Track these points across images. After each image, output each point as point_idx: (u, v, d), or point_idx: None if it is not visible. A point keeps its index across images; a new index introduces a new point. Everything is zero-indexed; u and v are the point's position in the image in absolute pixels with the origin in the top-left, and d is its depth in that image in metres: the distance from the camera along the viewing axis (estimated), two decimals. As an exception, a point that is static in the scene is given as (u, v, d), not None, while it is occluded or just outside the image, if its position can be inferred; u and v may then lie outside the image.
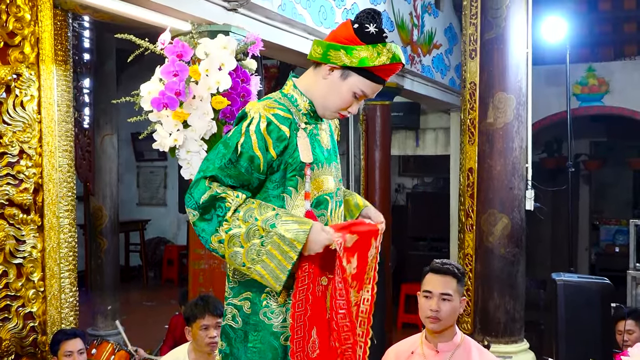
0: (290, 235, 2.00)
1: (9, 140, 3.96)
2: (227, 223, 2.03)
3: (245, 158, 2.09)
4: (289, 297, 2.14)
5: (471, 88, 5.64)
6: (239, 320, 2.19)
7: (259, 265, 2.01)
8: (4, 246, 3.94)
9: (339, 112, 2.28)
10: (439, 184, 10.85)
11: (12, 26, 3.97)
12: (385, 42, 2.18)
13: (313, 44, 2.27)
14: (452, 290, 2.88)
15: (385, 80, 2.26)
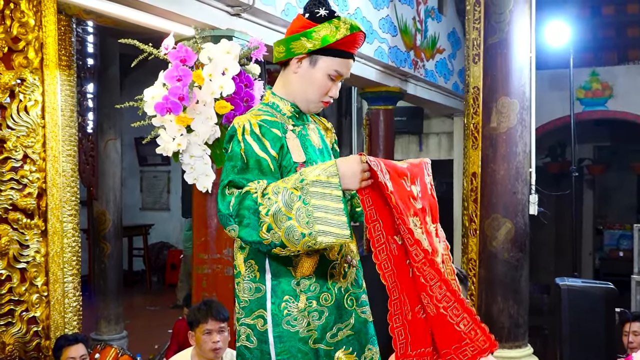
0: (323, 176, 1.92)
1: (12, 145, 3.97)
2: (263, 206, 1.91)
3: (253, 163, 2.03)
4: (308, 300, 2.10)
5: (474, 92, 5.63)
6: (253, 339, 2.13)
7: (317, 224, 1.90)
8: (7, 251, 3.94)
9: (321, 101, 2.24)
10: (442, 189, 10.84)
11: (16, 31, 3.98)
12: (340, 17, 2.17)
13: (274, 46, 2.26)
14: None
15: (353, 54, 2.22)
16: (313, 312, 2.10)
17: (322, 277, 2.13)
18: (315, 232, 1.89)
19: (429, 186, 2.26)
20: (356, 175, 1.96)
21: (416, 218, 2.07)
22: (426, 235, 2.10)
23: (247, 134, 2.06)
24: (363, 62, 6.10)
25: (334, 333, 2.13)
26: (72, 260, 4.29)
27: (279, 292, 2.09)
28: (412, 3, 6.96)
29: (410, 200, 2.08)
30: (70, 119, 4.30)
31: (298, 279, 2.10)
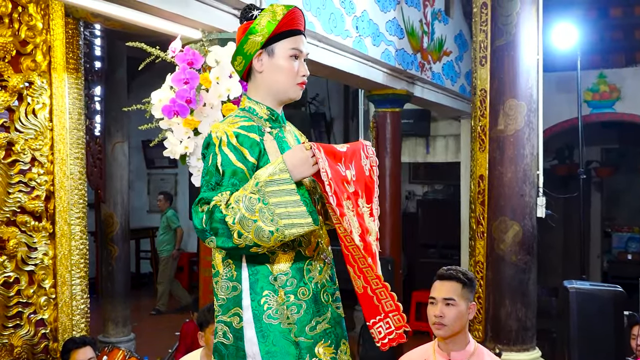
0: (274, 174, 2.04)
1: (21, 148, 3.98)
2: (229, 216, 2.01)
3: (229, 174, 2.11)
4: (286, 295, 2.17)
5: (482, 95, 5.62)
6: (229, 336, 2.21)
7: (280, 219, 2.01)
8: (16, 253, 3.96)
9: (296, 84, 2.30)
10: (450, 191, 10.83)
11: (24, 35, 4.00)
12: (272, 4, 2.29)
13: (232, 65, 2.37)
14: (455, 295, 2.88)
15: (300, 30, 2.31)
16: (291, 306, 2.17)
17: (298, 273, 2.20)
18: (281, 227, 2.01)
19: (367, 168, 2.38)
20: (306, 161, 2.08)
21: (349, 201, 2.22)
22: (357, 217, 2.24)
23: (224, 145, 2.13)
24: (370, 65, 6.09)
25: (312, 326, 2.20)
26: (79, 263, 4.30)
27: (258, 289, 2.17)
28: (419, 5, 6.96)
29: (344, 184, 2.22)
30: (78, 122, 4.32)
31: (275, 275, 2.17)
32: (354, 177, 2.29)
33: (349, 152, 2.29)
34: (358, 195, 2.30)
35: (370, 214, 2.36)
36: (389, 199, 7.06)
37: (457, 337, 2.90)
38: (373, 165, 2.42)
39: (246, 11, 2.33)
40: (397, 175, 7.22)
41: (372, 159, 2.42)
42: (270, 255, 2.17)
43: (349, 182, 2.25)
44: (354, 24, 5.51)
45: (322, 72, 6.12)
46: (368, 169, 2.39)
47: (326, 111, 11.85)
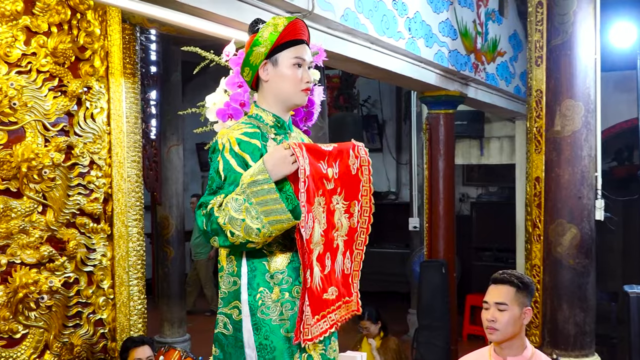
0: (255, 176, 2.17)
1: (80, 152, 4.07)
2: (220, 218, 2.17)
3: (231, 180, 2.25)
4: (281, 292, 2.31)
5: (537, 96, 5.53)
6: (229, 327, 2.36)
7: (264, 217, 2.14)
8: (75, 254, 4.05)
9: (301, 91, 2.44)
10: (504, 194, 10.67)
11: (82, 40, 4.10)
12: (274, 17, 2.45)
13: (241, 73, 2.55)
14: (508, 300, 2.83)
15: (303, 40, 2.45)
16: (285, 302, 2.31)
17: (294, 272, 2.34)
18: (266, 223, 2.15)
19: (356, 167, 2.53)
20: (286, 159, 2.21)
21: (322, 198, 2.36)
22: (327, 213, 2.38)
23: (226, 151, 2.28)
24: (423, 66, 6.05)
25: None
26: (137, 264, 4.38)
27: (255, 285, 2.32)
28: (472, 6, 6.89)
29: (323, 181, 2.36)
30: (135, 126, 4.40)
31: (272, 273, 2.32)
32: (336, 174, 2.43)
33: (334, 151, 2.43)
34: (335, 192, 2.44)
35: (345, 211, 2.50)
36: (442, 201, 7.00)
37: (512, 341, 2.85)
38: (363, 165, 2.57)
39: (253, 25, 2.50)
40: (450, 178, 7.15)
41: (363, 159, 2.57)
42: (269, 254, 2.33)
43: (329, 179, 2.40)
44: (407, 26, 5.48)
45: (374, 75, 6.11)
46: (356, 168, 2.53)
47: (378, 113, 11.83)
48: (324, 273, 2.37)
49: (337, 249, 2.45)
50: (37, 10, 3.85)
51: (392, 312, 8.51)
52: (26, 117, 3.80)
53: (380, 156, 11.83)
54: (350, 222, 2.51)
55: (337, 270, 2.45)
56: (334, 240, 2.44)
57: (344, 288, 2.49)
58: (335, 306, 2.42)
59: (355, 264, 2.57)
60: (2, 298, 3.69)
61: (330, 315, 2.38)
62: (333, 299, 2.40)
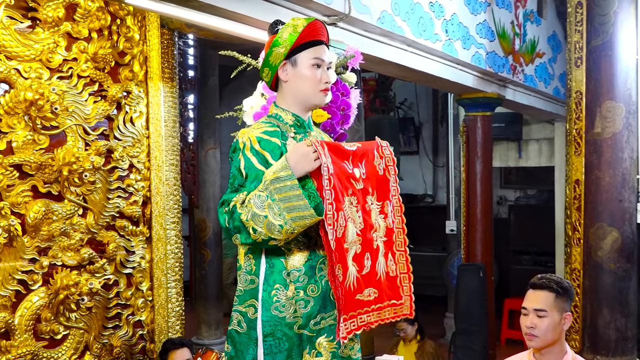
0: (278, 172, 2.19)
1: (119, 155, 4.13)
2: (243, 214, 2.20)
3: (252, 178, 2.28)
4: (296, 290, 2.33)
5: (577, 97, 5.45)
6: (244, 325, 2.38)
7: (287, 213, 2.17)
8: (115, 256, 4.10)
9: (320, 91, 2.45)
10: (543, 196, 10.53)
11: (122, 46, 4.16)
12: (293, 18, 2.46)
13: (260, 74, 2.57)
14: (547, 306, 2.77)
15: (322, 40, 2.46)
16: (300, 300, 2.33)
17: (310, 270, 2.36)
18: (288, 220, 2.17)
19: (382, 167, 2.52)
20: (307, 156, 2.23)
21: (353, 197, 2.36)
22: (362, 212, 2.39)
23: (247, 149, 2.32)
24: (460, 68, 6.01)
25: (317, 321, 2.36)
26: (175, 266, 4.42)
27: (271, 281, 2.34)
28: (510, 7, 6.82)
29: (351, 181, 2.37)
30: (173, 129, 4.44)
31: (289, 270, 2.34)
32: (363, 174, 2.43)
33: (359, 151, 2.44)
34: (367, 192, 2.44)
35: (380, 212, 2.48)
36: (479, 204, 6.94)
37: (552, 347, 2.81)
38: (388, 165, 2.55)
39: (272, 26, 2.53)
40: (488, 180, 7.08)
41: (388, 158, 2.56)
42: (287, 252, 2.34)
43: (357, 179, 2.39)
44: (444, 28, 5.45)
45: (411, 77, 6.09)
46: (382, 168, 2.52)
47: (415, 116, 11.78)
48: (361, 273, 2.36)
49: (377, 250, 2.44)
50: (78, 16, 3.91)
51: (429, 316, 8.46)
52: (67, 121, 3.87)
53: (417, 159, 11.77)
54: (386, 222, 2.50)
55: (379, 272, 2.43)
56: (374, 241, 2.43)
57: (390, 291, 2.47)
58: (371, 308, 2.39)
59: (400, 265, 2.55)
60: (44, 299, 3.76)
61: (362, 317, 2.36)
62: (369, 300, 2.38)
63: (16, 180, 3.65)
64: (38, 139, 3.74)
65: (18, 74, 3.66)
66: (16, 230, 3.63)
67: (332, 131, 3.22)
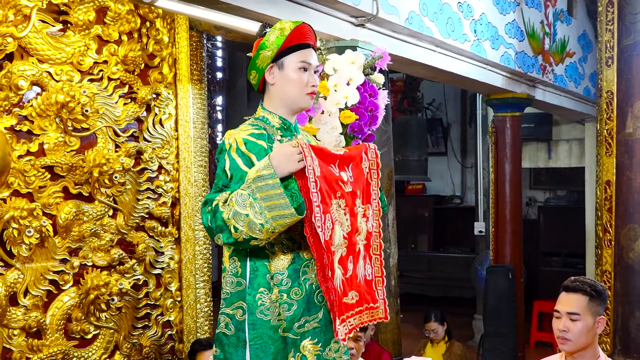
0: (260, 171, 2.19)
1: (149, 157, 4.17)
2: (225, 213, 2.19)
3: (237, 179, 2.27)
4: (280, 293, 2.33)
5: (608, 97, 5.39)
6: (231, 327, 2.38)
7: (268, 212, 2.16)
8: (144, 257, 4.14)
9: (306, 94, 2.46)
10: (573, 197, 10.41)
11: (151, 48, 4.20)
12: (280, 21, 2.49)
13: (248, 76, 2.54)
14: (580, 309, 2.73)
15: (309, 44, 2.47)
16: (283, 303, 2.33)
17: (294, 274, 2.36)
18: (269, 219, 2.16)
19: (366, 170, 2.51)
20: (291, 157, 2.21)
21: (342, 200, 2.36)
22: (350, 215, 2.39)
23: (232, 150, 2.31)
24: (488, 69, 5.97)
25: (301, 324, 2.35)
26: (203, 267, 4.45)
27: (255, 285, 2.35)
28: (539, 6, 6.76)
29: (339, 183, 2.36)
30: (202, 131, 4.47)
31: (272, 274, 2.34)
32: (351, 178, 2.43)
33: (345, 155, 2.43)
34: (356, 195, 2.44)
35: (363, 214, 2.48)
36: (508, 205, 6.88)
37: (585, 351, 2.77)
38: (372, 169, 2.54)
39: (261, 29, 2.52)
40: (517, 182, 7.02)
41: (372, 162, 2.55)
42: (271, 255, 2.35)
43: (345, 182, 2.39)
44: (472, 28, 5.42)
45: (439, 78, 6.06)
46: (366, 172, 2.52)
47: (443, 116, 11.72)
48: (345, 276, 2.36)
49: (359, 253, 2.45)
50: (108, 19, 3.96)
51: (457, 318, 8.40)
52: (98, 123, 3.91)
53: (445, 160, 11.71)
54: (367, 226, 2.50)
55: (359, 275, 2.44)
56: (357, 245, 2.44)
57: (367, 295, 2.47)
58: (355, 311, 2.39)
59: (376, 269, 2.54)
60: (75, 299, 3.80)
61: (350, 320, 2.35)
62: (353, 304, 2.38)
63: (48, 181, 3.70)
64: (69, 140, 3.79)
65: (50, 77, 3.71)
66: (48, 231, 3.68)
67: (360, 132, 3.22)
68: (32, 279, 3.64)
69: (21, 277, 3.59)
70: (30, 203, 3.62)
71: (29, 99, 3.66)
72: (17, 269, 3.58)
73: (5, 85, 3.54)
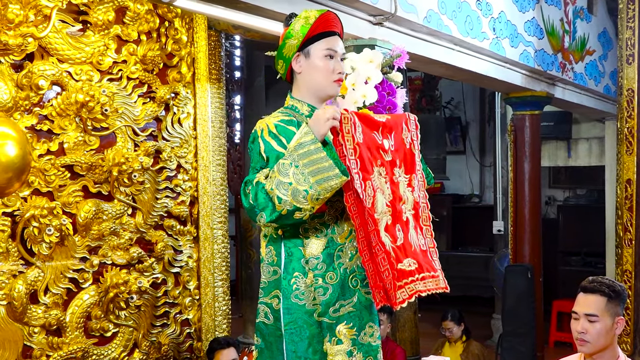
0: (300, 138, 2.21)
1: (167, 156, 4.19)
2: (267, 185, 2.20)
3: (273, 159, 2.29)
4: (315, 277, 2.35)
5: (629, 95, 5.34)
6: (270, 317, 2.41)
7: (311, 177, 2.17)
8: (163, 256, 4.16)
9: (333, 81, 2.48)
10: (593, 196, 10.33)
11: (170, 48, 4.21)
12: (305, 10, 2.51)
13: (275, 66, 2.60)
14: (599, 311, 2.70)
15: (334, 31, 2.49)
16: (318, 288, 2.35)
17: (329, 258, 2.38)
18: (313, 184, 2.17)
19: (409, 140, 2.52)
20: (320, 119, 2.25)
21: (382, 168, 2.36)
22: (390, 184, 2.38)
23: (265, 134, 2.35)
24: (508, 67, 5.94)
25: (336, 308, 2.37)
26: (221, 266, 4.46)
27: (290, 269, 2.37)
28: (559, 4, 6.71)
29: (380, 152, 2.36)
30: (220, 130, 4.49)
31: (307, 258, 2.36)
32: (392, 146, 2.42)
33: (388, 122, 2.44)
34: (395, 164, 2.43)
35: (408, 184, 2.47)
36: (527, 204, 6.84)
37: (604, 352, 2.74)
38: (414, 140, 2.55)
39: (287, 19, 2.54)
40: (536, 180, 6.98)
41: (413, 133, 2.55)
42: (305, 240, 2.36)
43: (385, 150, 2.39)
44: (491, 26, 5.39)
45: (458, 76, 6.04)
46: (409, 142, 2.52)
47: (461, 115, 11.66)
48: (396, 244, 2.34)
49: (407, 223, 2.42)
50: (128, 19, 3.98)
51: (476, 317, 8.37)
52: (117, 122, 3.94)
53: (464, 159, 11.66)
54: (414, 196, 2.49)
55: (412, 244, 2.40)
56: (403, 213, 2.41)
57: (426, 263, 2.42)
58: (416, 277, 2.33)
59: (428, 240, 2.51)
60: (94, 297, 3.83)
61: (410, 286, 2.30)
62: (412, 270, 2.33)
63: (67, 180, 3.73)
64: (89, 140, 3.82)
65: (69, 77, 3.74)
66: (67, 230, 3.71)
67: (378, 131, 3.21)
68: (52, 277, 3.67)
69: (41, 275, 3.62)
70: (51, 202, 3.65)
71: (49, 98, 3.69)
72: (38, 267, 3.61)
73: (25, 85, 3.57)
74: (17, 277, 3.53)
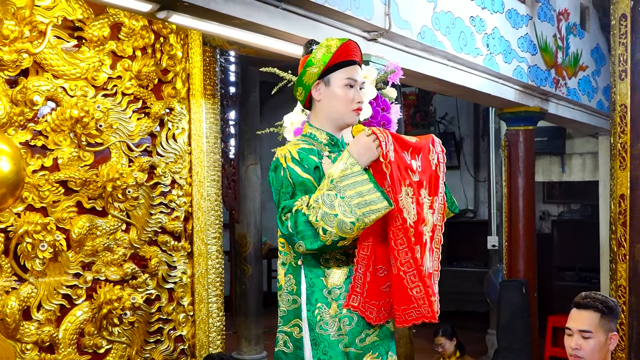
0: (346, 169, 2.21)
1: (162, 171, 4.19)
2: (312, 215, 2.20)
3: (298, 186, 2.31)
4: (339, 307, 2.33)
5: (622, 111, 5.36)
6: (290, 345, 2.41)
7: (358, 209, 2.17)
8: (157, 271, 4.15)
9: (352, 110, 2.46)
10: (587, 211, 10.35)
11: (165, 63, 4.22)
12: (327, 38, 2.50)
13: (294, 93, 2.57)
14: (592, 327, 2.69)
15: (355, 60, 2.47)
16: (343, 318, 2.34)
17: None
18: (360, 216, 2.17)
19: (435, 162, 2.50)
20: (370, 146, 2.25)
21: (410, 188, 2.34)
22: (416, 205, 2.36)
23: (288, 161, 2.34)
24: (501, 82, 5.96)
25: (362, 338, 2.36)
26: (216, 282, 4.45)
27: (313, 301, 2.36)
28: (552, 20, 6.75)
29: (408, 172, 2.36)
30: (214, 146, 4.49)
31: (330, 289, 2.36)
32: (419, 167, 2.42)
33: (417, 144, 2.43)
34: (422, 185, 2.42)
35: (430, 207, 2.46)
36: (522, 219, 6.85)
37: (596, 367, 2.74)
38: (440, 162, 2.53)
39: (307, 46, 2.54)
40: (530, 195, 6.99)
41: (439, 155, 2.54)
42: (326, 270, 2.36)
43: (414, 171, 2.39)
44: (485, 42, 5.42)
45: (452, 92, 6.06)
46: (435, 164, 2.50)
47: (455, 130, 11.69)
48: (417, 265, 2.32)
49: (425, 245, 2.40)
50: (123, 35, 3.99)
51: (470, 332, 8.35)
52: (111, 138, 3.93)
53: (458, 174, 11.67)
54: (433, 218, 2.47)
55: (424, 267, 2.37)
56: (424, 235, 2.39)
57: (429, 288, 2.38)
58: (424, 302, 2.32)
59: (435, 263, 2.50)
60: (88, 314, 3.81)
61: (419, 310, 2.32)
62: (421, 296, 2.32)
63: (61, 196, 3.72)
64: (83, 155, 3.81)
65: (64, 92, 3.74)
66: (61, 246, 3.70)
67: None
68: (46, 293, 3.66)
69: (35, 291, 3.61)
70: (44, 217, 3.64)
71: (43, 114, 3.69)
72: (31, 284, 3.59)
73: (20, 101, 3.57)
74: (10, 293, 3.51)
